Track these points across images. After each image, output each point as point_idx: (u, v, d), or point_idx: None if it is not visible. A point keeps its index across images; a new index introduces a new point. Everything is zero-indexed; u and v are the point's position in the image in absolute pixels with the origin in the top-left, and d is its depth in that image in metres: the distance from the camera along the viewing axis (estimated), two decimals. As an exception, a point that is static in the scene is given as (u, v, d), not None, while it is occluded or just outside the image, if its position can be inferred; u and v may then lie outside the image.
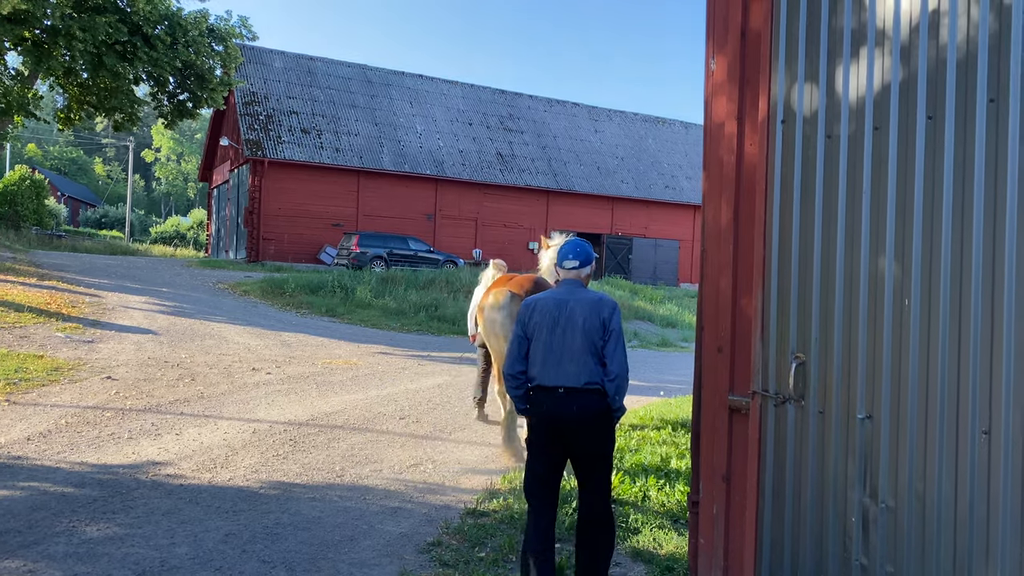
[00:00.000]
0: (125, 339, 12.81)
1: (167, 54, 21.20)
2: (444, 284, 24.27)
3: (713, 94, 4.00)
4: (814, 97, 3.42)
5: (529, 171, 38.85)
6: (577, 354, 4.13)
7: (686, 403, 10.74)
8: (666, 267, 42.35)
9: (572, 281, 4.39)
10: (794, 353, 3.44)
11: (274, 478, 6.23)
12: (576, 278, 4.41)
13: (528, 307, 4.32)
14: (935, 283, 2.95)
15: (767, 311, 3.57)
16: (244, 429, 7.75)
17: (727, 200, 3.86)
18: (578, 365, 4.12)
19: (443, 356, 14.91)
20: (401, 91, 39.32)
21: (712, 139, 3.98)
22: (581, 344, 4.13)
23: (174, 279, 23.60)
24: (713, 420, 3.89)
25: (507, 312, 7.41)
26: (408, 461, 7.07)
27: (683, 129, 48.95)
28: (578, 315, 4.17)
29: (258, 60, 36.28)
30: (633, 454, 7.61)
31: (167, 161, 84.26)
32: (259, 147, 32.29)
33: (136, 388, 9.36)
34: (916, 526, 2.99)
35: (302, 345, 14.40)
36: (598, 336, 4.15)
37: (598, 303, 4.22)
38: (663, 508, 6.03)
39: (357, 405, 9.37)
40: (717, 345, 3.87)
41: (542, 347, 4.19)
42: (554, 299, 4.27)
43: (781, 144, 3.54)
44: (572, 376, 4.11)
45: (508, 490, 6.26)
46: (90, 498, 5.42)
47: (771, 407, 3.54)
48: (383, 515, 5.55)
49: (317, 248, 33.44)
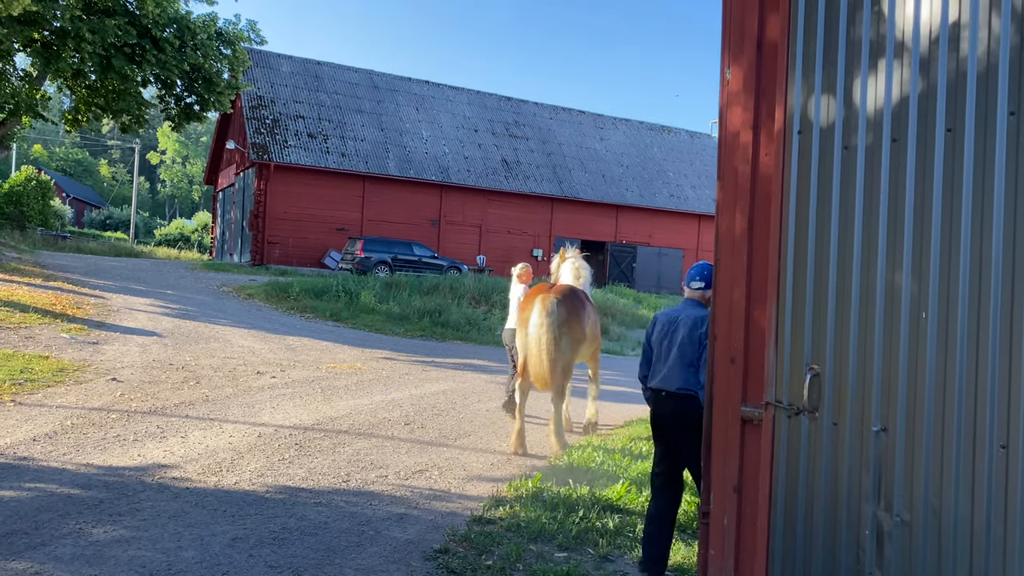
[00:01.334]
0: (130, 341, 12.82)
1: (175, 57, 21.23)
2: (448, 290, 24.26)
3: (728, 104, 4.00)
4: (831, 108, 3.41)
5: (534, 178, 38.89)
6: (674, 363, 4.81)
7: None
8: (670, 276, 42.32)
9: (692, 301, 5.02)
10: (808, 364, 3.43)
11: (280, 482, 6.22)
12: (699, 298, 5.00)
13: (653, 321, 5.12)
14: (953, 296, 2.94)
15: (781, 322, 3.56)
16: (249, 433, 7.74)
17: (742, 210, 3.85)
18: (674, 372, 4.79)
19: (447, 362, 14.89)
20: (407, 97, 39.41)
21: (727, 149, 3.98)
22: (677, 355, 4.80)
23: (178, 282, 23.62)
24: (725, 431, 3.88)
25: (555, 317, 7.92)
26: (414, 467, 7.06)
27: (689, 138, 49.01)
28: (681, 330, 4.84)
29: (265, 64, 36.39)
30: (639, 463, 7.58)
31: (172, 164, 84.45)
32: (265, 151, 32.37)
33: (141, 390, 9.36)
34: (931, 540, 2.97)
35: (306, 349, 14.39)
36: (693, 349, 4.77)
37: (700, 321, 4.82)
38: (670, 518, 6.00)
39: (362, 410, 9.35)
40: (730, 356, 3.86)
41: (654, 355, 4.97)
42: (670, 315, 5.02)
43: (797, 155, 3.53)
44: (670, 381, 4.80)
45: (514, 498, 6.24)
46: (96, 500, 5.41)
47: (784, 418, 3.52)
48: (389, 521, 5.54)
49: (322, 252, 33.47)
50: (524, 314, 8.29)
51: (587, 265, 9.77)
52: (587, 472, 7.08)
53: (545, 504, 5.96)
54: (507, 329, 10.25)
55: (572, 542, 5.31)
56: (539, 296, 8.13)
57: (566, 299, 8.18)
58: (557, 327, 7.88)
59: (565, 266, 9.69)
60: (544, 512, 5.75)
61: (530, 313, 8.08)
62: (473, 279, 26.17)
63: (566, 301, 8.16)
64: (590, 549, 5.26)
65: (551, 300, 7.98)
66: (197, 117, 24.58)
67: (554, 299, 8.01)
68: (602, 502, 6.10)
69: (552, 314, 7.87)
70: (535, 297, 8.20)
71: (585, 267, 9.66)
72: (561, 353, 7.93)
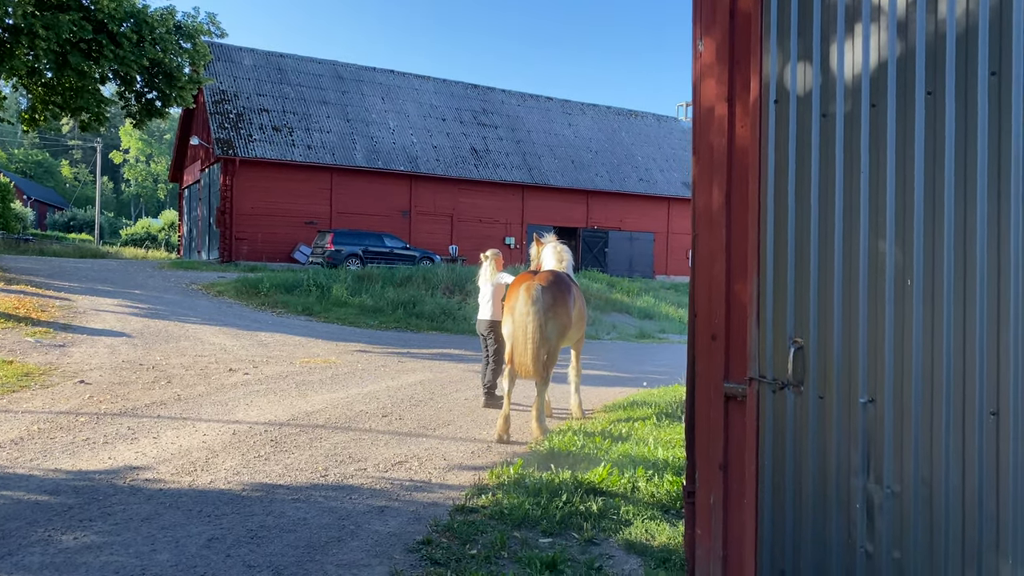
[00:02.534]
0: (98, 343, 12.55)
1: (134, 52, 20.77)
2: (421, 281, 24.09)
3: (702, 76, 3.93)
4: (808, 76, 3.34)
5: (504, 166, 38.73)
6: None
7: (669, 393, 10.71)
8: (642, 260, 42.44)
9: None
10: (792, 338, 3.37)
11: (256, 480, 6.08)
12: None
13: None
14: (938, 261, 2.89)
15: (763, 296, 3.49)
16: (224, 431, 7.58)
17: (719, 184, 3.79)
18: None
19: (423, 352, 14.77)
20: (373, 87, 39.02)
21: (702, 122, 3.90)
22: None
23: (146, 281, 23.23)
24: (708, 409, 3.82)
25: (541, 304, 7.82)
26: (393, 459, 6.95)
27: (656, 122, 49.08)
28: None
29: (227, 58, 35.82)
30: (620, 444, 7.54)
31: (136, 162, 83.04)
32: (230, 146, 31.89)
33: (111, 392, 9.15)
34: (923, 511, 2.92)
35: (279, 345, 14.20)
36: None
37: None
38: (653, 499, 5.96)
39: (338, 404, 9.22)
40: (711, 332, 3.80)
41: None
42: None
43: (775, 125, 3.46)
44: None
45: (496, 485, 6.16)
46: (66, 506, 5.25)
47: (769, 393, 3.47)
48: (370, 514, 5.43)
49: (291, 247, 33.11)
50: (509, 302, 8.21)
51: (568, 249, 9.71)
52: (568, 456, 7.02)
53: (528, 490, 5.88)
54: (481, 320, 9.98)
55: (556, 527, 5.25)
56: (524, 283, 8.04)
57: (551, 285, 8.10)
58: (543, 314, 7.80)
59: (546, 251, 9.60)
60: (527, 498, 5.68)
61: (515, 301, 7.99)
62: (446, 269, 26.03)
63: (551, 287, 8.08)
64: (575, 533, 5.20)
65: (536, 287, 7.89)
66: (159, 113, 24.10)
67: (539, 286, 7.92)
68: (585, 485, 6.04)
69: (538, 301, 7.79)
70: (520, 285, 8.10)
71: (567, 251, 9.60)
72: (547, 340, 7.85)
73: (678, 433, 8.23)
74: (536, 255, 9.90)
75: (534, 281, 8.03)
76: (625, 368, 14.48)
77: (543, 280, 8.12)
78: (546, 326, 7.84)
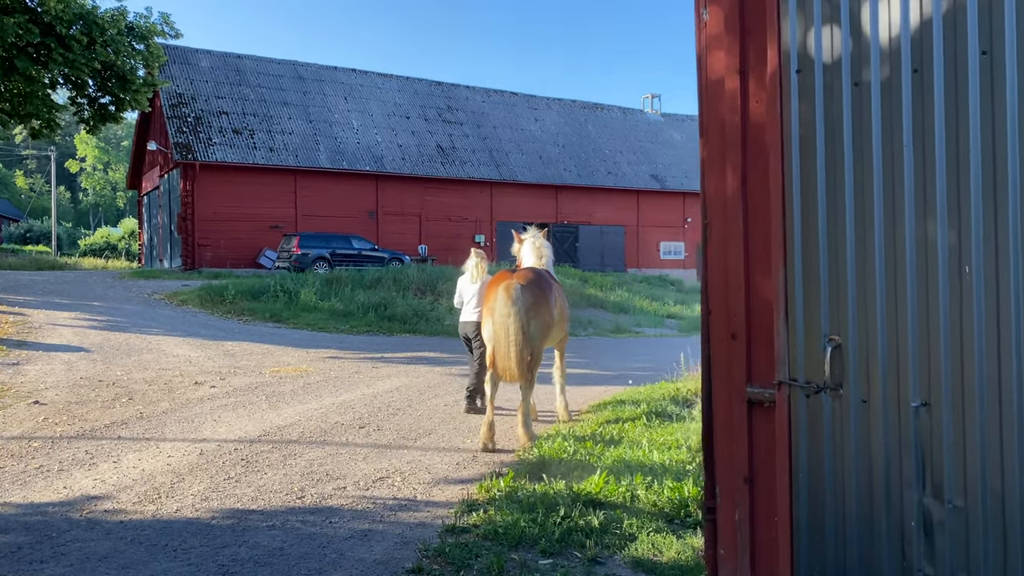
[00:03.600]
0: (54, 359, 11.92)
1: (84, 55, 19.97)
2: (392, 282, 23.58)
3: (708, 48, 3.54)
4: (836, 41, 2.97)
5: (471, 163, 38.27)
6: None
7: (656, 390, 10.37)
8: (613, 253, 42.24)
9: None
10: (827, 336, 3.00)
11: (227, 505, 5.61)
12: None
13: None
14: (1002, 245, 2.53)
15: (791, 290, 3.12)
16: (190, 451, 7.08)
17: (732, 166, 3.41)
18: None
19: (397, 357, 14.30)
20: (334, 86, 38.33)
21: (710, 99, 3.52)
22: None
23: (106, 292, 22.46)
24: (729, 416, 3.44)
25: (521, 304, 7.43)
26: (373, 475, 6.50)
27: (622, 115, 48.89)
28: None
29: (183, 60, 34.94)
30: (613, 448, 7.17)
31: (93, 171, 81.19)
32: (189, 150, 31.08)
33: (67, 412, 8.59)
34: (995, 528, 2.57)
35: (247, 354, 13.65)
36: None
37: None
38: (655, 508, 5.59)
39: (312, 416, 8.74)
40: (730, 331, 3.42)
41: None
42: None
43: (797, 97, 3.09)
44: None
45: (487, 500, 5.75)
46: (13, 546, 4.74)
47: (802, 398, 3.10)
48: (353, 540, 4.99)
49: (256, 252, 32.37)
50: (488, 303, 7.79)
51: (548, 243, 9.31)
52: (560, 464, 6.63)
53: (522, 505, 5.48)
54: (467, 321, 9.34)
55: (556, 546, 4.85)
56: (502, 283, 7.61)
57: (531, 283, 7.69)
58: (524, 314, 7.39)
59: (525, 247, 9.21)
60: (522, 514, 5.27)
61: (494, 301, 7.56)
62: (416, 269, 25.54)
63: (531, 286, 7.67)
64: (576, 552, 4.81)
65: (515, 286, 7.47)
66: (113, 118, 23.27)
67: (518, 284, 7.51)
68: (582, 497, 5.65)
69: (517, 301, 7.37)
70: (498, 284, 7.68)
71: (546, 245, 9.20)
72: (529, 341, 7.44)
73: (670, 434, 7.89)
74: (517, 251, 9.50)
75: (513, 280, 7.62)
76: (607, 365, 14.14)
77: (522, 278, 7.72)
78: (528, 326, 7.44)
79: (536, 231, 9.51)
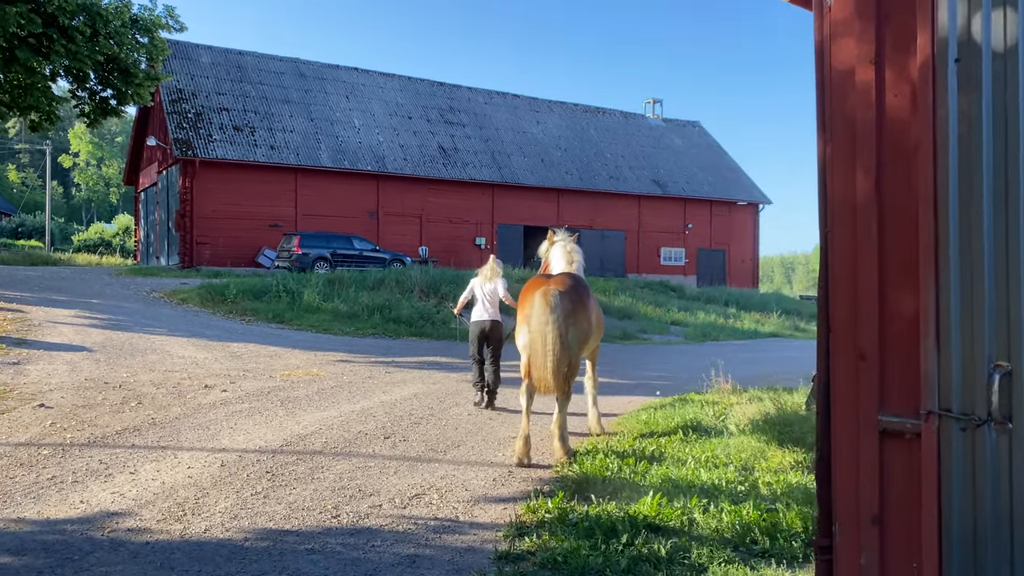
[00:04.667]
0: (56, 358, 11.47)
1: (87, 47, 19.53)
2: (395, 284, 23.18)
3: (833, 36, 3.18)
4: (1011, 24, 2.61)
5: (473, 164, 37.89)
6: None
7: (686, 403, 9.99)
8: (613, 258, 41.92)
9: None
10: (993, 362, 2.63)
11: (259, 524, 5.21)
12: None
13: None
14: None
15: (944, 308, 2.76)
16: (210, 462, 6.67)
17: (864, 167, 3.04)
18: None
19: (409, 361, 13.91)
20: (336, 85, 37.90)
21: (836, 92, 3.16)
22: None
23: (104, 289, 21.97)
24: (855, 446, 3.08)
25: (560, 312, 7.06)
26: (409, 491, 6.11)
27: (623, 119, 48.61)
28: None
29: (184, 55, 34.46)
30: (656, 465, 6.79)
31: (87, 166, 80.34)
32: (189, 146, 30.60)
33: (75, 417, 8.16)
34: None
35: (254, 356, 13.23)
36: None
37: None
38: (716, 534, 5.22)
39: (332, 424, 8.34)
40: (857, 351, 3.05)
41: None
42: None
43: (956, 89, 2.73)
44: None
45: (536, 523, 5.37)
46: (34, 569, 4.33)
47: (956, 431, 2.73)
48: (400, 567, 4.60)
49: (255, 251, 31.89)
50: (524, 309, 7.39)
51: (579, 248, 8.89)
52: (605, 483, 6.25)
53: (577, 530, 5.10)
54: (479, 320, 9.75)
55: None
56: (540, 289, 7.21)
57: (569, 290, 7.30)
58: (563, 322, 6.99)
59: (555, 250, 8.77)
60: (581, 541, 4.89)
61: (531, 309, 7.16)
62: (420, 271, 25.11)
63: (570, 292, 7.27)
64: (645, 584, 4.43)
65: (553, 293, 7.07)
66: (114, 112, 22.84)
67: (556, 291, 7.11)
68: (639, 521, 5.27)
69: (556, 308, 6.97)
70: (534, 290, 7.28)
71: (577, 250, 8.77)
72: (567, 350, 7.05)
73: (711, 450, 7.53)
74: (545, 251, 9.07)
75: (551, 286, 7.22)
76: (623, 373, 13.77)
77: (560, 284, 7.32)
78: (567, 335, 7.04)
79: (567, 234, 9.13)
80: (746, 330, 27.78)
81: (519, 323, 7.56)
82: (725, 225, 47.17)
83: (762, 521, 5.34)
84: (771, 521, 5.35)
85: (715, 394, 10.41)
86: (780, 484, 6.33)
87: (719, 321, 28.56)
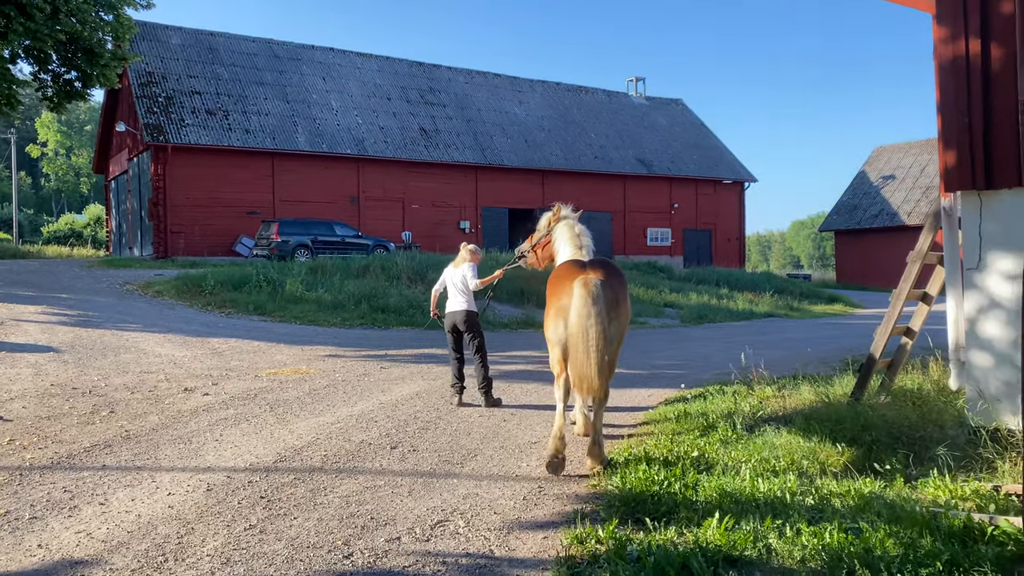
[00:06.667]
0: (19, 361, 10.46)
1: (47, 25, 18.35)
2: (380, 271, 22.25)
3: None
4: None
5: (455, 146, 36.86)
6: None
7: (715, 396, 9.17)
8: (600, 239, 40.50)
9: None
10: None
11: (256, 570, 4.30)
12: None
13: None
14: None
15: None
16: (194, 485, 5.75)
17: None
18: None
19: (403, 355, 13.01)
20: (312, 66, 36.68)
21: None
22: None
23: (74, 283, 20.85)
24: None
25: (603, 304, 6.14)
26: (429, 517, 5.23)
27: (606, 98, 47.74)
28: None
29: (153, 37, 33.10)
30: (706, 476, 5.94)
31: (55, 156, 78.21)
32: (160, 132, 29.36)
33: (38, 431, 7.20)
34: None
35: (236, 353, 12.28)
36: None
37: None
38: (802, 565, 4.38)
39: (331, 433, 7.44)
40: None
41: None
42: None
43: None
44: None
45: (589, 557, 4.51)
46: (-26, 650, 3.43)
47: None
48: (436, 627, 3.73)
49: (232, 239, 30.78)
50: (560, 300, 6.46)
51: (587, 231, 7.85)
52: (655, 501, 5.40)
53: (643, 568, 4.24)
54: (455, 311, 9.22)
55: None
56: (578, 277, 6.27)
57: (609, 278, 6.39)
58: (606, 315, 6.09)
59: (561, 229, 7.70)
60: (651, 583, 4.04)
61: (569, 299, 6.24)
62: (405, 257, 24.16)
63: (610, 280, 6.37)
64: (739, 641, 3.59)
65: (595, 282, 6.14)
66: (79, 95, 21.64)
67: (597, 280, 6.19)
68: (712, 553, 4.42)
69: (599, 300, 6.05)
70: (571, 279, 6.35)
71: (586, 233, 7.70)
72: (609, 345, 6.17)
73: (757, 452, 6.69)
74: (546, 226, 8.03)
75: (591, 274, 6.30)
76: (632, 362, 12.94)
77: (599, 272, 6.40)
78: (609, 329, 6.16)
79: (571, 211, 8.11)
80: (742, 311, 27.10)
81: (551, 315, 6.62)
82: (711, 204, 46.51)
83: (851, 546, 4.52)
84: (863, 547, 4.52)
85: (741, 385, 9.60)
86: (852, 496, 5.51)
87: (712, 302, 27.86)
